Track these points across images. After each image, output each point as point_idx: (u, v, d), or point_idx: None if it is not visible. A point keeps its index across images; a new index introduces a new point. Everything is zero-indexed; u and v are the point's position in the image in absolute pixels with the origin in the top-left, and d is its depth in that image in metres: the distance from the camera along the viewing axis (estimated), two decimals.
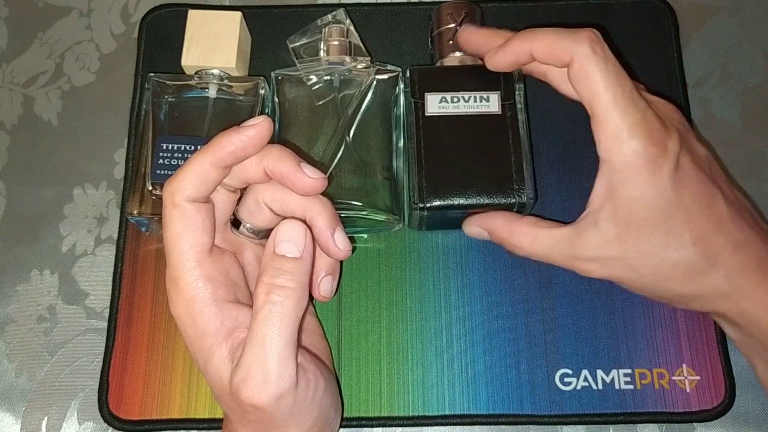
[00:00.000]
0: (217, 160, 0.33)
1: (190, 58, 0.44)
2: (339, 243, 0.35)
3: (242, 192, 0.36)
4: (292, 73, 0.44)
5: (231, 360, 0.32)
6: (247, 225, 0.36)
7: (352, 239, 0.36)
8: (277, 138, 0.43)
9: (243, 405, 0.31)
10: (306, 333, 0.39)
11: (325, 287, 0.37)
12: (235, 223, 0.36)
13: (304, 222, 0.33)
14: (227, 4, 0.52)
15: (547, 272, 0.43)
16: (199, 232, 0.33)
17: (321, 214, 0.35)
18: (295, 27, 0.45)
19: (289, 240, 0.32)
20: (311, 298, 0.40)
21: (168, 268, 0.33)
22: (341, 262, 0.40)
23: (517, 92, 0.42)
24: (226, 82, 0.44)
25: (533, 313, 0.43)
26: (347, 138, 0.42)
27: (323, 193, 0.35)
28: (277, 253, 0.32)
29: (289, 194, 0.35)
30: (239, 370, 0.31)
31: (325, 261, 0.37)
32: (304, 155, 0.42)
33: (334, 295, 0.39)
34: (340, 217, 0.40)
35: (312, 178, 0.33)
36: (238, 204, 0.36)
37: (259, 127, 0.33)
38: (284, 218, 0.34)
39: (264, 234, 0.37)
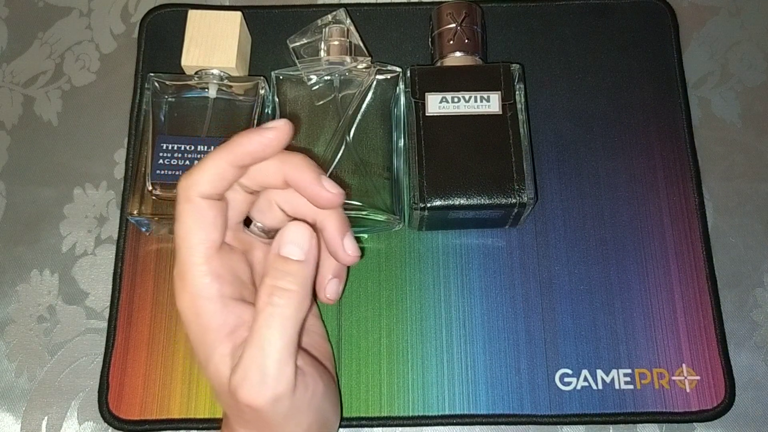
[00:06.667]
0: (235, 159, 0.32)
1: (190, 58, 0.44)
2: (348, 248, 0.35)
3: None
4: (292, 73, 0.44)
5: (232, 358, 0.32)
6: (258, 224, 0.36)
7: (358, 240, 0.36)
8: None
9: (240, 405, 0.31)
10: (308, 334, 0.39)
11: (331, 290, 0.37)
12: (246, 221, 0.36)
13: (314, 226, 0.33)
14: (227, 4, 0.52)
15: (548, 272, 0.43)
16: (210, 229, 0.33)
17: (331, 219, 0.35)
18: (295, 27, 0.45)
19: (294, 242, 0.32)
20: (315, 299, 0.40)
21: (176, 263, 0.33)
22: (348, 267, 0.40)
23: (517, 92, 0.42)
24: (225, 82, 0.44)
25: (533, 313, 0.43)
26: (347, 138, 0.42)
27: None
28: (282, 254, 0.32)
29: (300, 197, 0.35)
30: (238, 370, 0.31)
31: (333, 264, 0.37)
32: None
33: (340, 298, 0.39)
34: None
35: (330, 192, 0.33)
36: None
37: (278, 130, 0.33)
38: (294, 219, 0.34)
39: (274, 234, 0.36)
